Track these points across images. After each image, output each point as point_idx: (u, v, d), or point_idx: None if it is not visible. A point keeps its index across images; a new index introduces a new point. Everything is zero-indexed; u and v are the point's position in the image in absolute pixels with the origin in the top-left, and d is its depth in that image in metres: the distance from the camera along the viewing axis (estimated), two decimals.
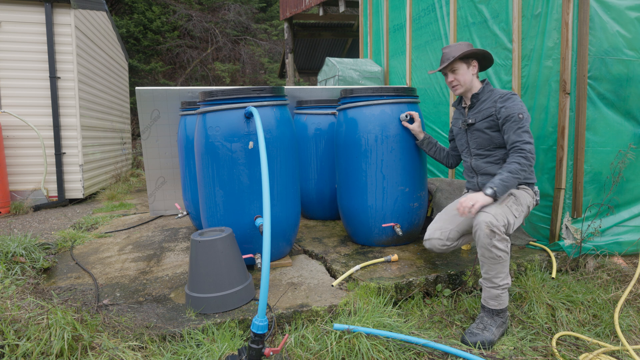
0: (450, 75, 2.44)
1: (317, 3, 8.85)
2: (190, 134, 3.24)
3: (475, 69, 2.42)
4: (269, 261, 1.77)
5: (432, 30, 3.98)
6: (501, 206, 2.10)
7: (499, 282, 2.04)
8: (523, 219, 2.25)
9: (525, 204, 2.25)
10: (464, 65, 2.40)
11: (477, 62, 2.43)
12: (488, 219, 1.99)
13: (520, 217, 2.18)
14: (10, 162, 5.11)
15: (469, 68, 2.41)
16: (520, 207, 2.18)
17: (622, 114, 2.73)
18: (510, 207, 2.13)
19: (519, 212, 2.16)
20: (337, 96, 3.63)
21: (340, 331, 1.85)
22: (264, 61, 16.15)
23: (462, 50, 2.35)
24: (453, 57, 2.35)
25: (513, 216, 2.10)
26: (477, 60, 2.43)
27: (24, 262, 2.66)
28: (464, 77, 2.41)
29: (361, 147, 2.79)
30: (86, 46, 5.74)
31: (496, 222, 1.98)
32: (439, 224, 2.40)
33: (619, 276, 2.56)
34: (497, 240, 1.98)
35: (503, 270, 2.03)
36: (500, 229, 1.99)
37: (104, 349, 1.72)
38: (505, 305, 2.09)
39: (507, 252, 2.03)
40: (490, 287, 2.07)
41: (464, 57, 2.38)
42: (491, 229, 1.98)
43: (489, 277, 2.06)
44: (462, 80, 2.41)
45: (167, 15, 14.64)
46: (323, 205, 3.71)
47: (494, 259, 2.01)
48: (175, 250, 3.11)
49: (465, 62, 2.41)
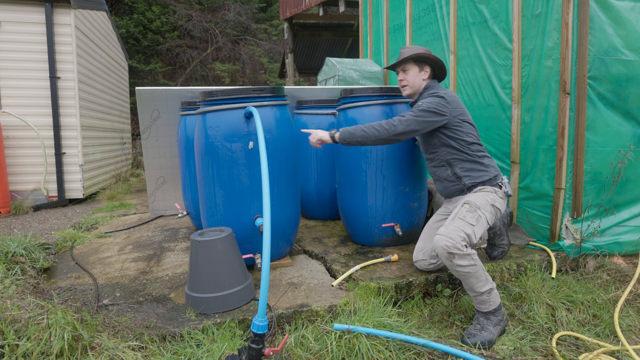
0: (401, 74, 2.49)
1: (317, 3, 8.85)
2: (190, 134, 3.24)
3: (426, 75, 2.46)
4: (269, 261, 1.77)
5: (432, 30, 3.98)
6: (454, 221, 2.11)
7: (479, 290, 2.05)
8: (488, 221, 2.21)
9: (484, 204, 2.20)
10: (416, 67, 2.45)
11: (430, 69, 2.46)
12: (442, 243, 2.01)
13: (480, 221, 2.14)
14: (10, 162, 5.11)
15: (420, 72, 2.45)
16: (476, 213, 2.15)
17: (622, 114, 2.73)
18: (464, 217, 2.12)
19: (475, 218, 2.12)
20: (337, 96, 3.63)
21: (340, 331, 1.85)
22: (264, 61, 16.15)
23: (415, 52, 2.39)
24: (405, 56, 2.41)
25: (470, 226, 2.09)
26: (430, 67, 2.46)
27: (24, 262, 2.66)
28: (414, 79, 2.45)
29: (361, 147, 2.79)
30: (86, 46, 5.74)
31: (451, 243, 1.99)
32: (420, 244, 2.44)
33: (619, 276, 2.56)
34: (457, 260, 1.99)
35: (479, 280, 2.04)
36: (458, 246, 1.98)
37: (104, 349, 1.72)
38: (497, 304, 2.09)
39: (474, 264, 2.01)
40: (474, 295, 2.09)
41: (417, 59, 2.43)
42: (448, 251, 1.99)
43: (469, 288, 2.08)
44: (411, 82, 2.46)
45: (167, 16, 14.63)
46: (323, 205, 3.71)
47: (462, 275, 2.03)
48: (175, 250, 3.11)
49: (417, 65, 2.45)
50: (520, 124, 3.00)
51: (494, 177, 2.33)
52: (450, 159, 2.36)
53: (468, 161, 2.33)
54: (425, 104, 2.27)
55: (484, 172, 2.32)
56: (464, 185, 2.34)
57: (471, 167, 2.32)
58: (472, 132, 2.36)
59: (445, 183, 2.42)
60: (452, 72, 3.68)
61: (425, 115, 2.25)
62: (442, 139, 2.35)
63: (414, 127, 2.25)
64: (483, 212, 2.17)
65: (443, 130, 2.33)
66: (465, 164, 2.33)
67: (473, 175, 2.32)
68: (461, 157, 2.33)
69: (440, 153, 2.38)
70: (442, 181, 2.44)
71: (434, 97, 2.31)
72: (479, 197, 2.24)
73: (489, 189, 2.30)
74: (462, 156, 2.33)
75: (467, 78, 3.50)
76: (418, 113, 2.25)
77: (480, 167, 2.32)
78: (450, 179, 2.38)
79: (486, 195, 2.26)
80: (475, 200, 2.22)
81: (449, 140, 2.33)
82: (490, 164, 2.36)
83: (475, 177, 2.31)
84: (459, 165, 2.34)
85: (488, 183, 2.32)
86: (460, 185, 2.36)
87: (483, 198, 2.24)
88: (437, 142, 2.38)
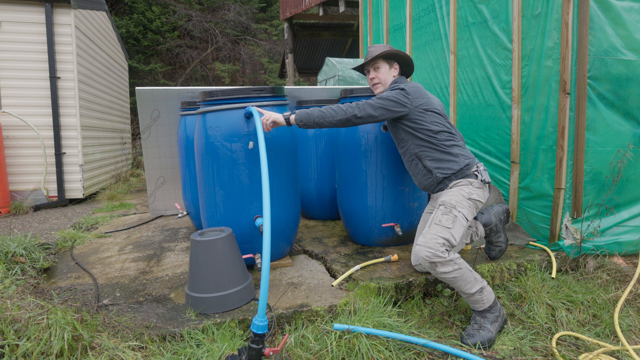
0: (372, 72, 2.53)
1: (317, 3, 8.85)
2: (190, 134, 3.24)
3: (396, 72, 2.53)
4: (269, 261, 1.77)
5: (432, 30, 3.98)
6: (430, 228, 2.11)
7: (470, 292, 2.05)
8: (467, 216, 2.17)
9: (460, 200, 2.19)
10: (386, 64, 2.50)
11: (398, 65, 2.53)
12: (422, 254, 2.01)
13: (458, 220, 2.12)
14: (10, 162, 5.11)
15: (390, 69, 2.51)
16: (451, 214, 2.13)
17: (622, 114, 2.73)
18: (439, 222, 2.11)
19: (451, 220, 2.11)
20: (337, 96, 3.63)
21: (340, 331, 1.85)
22: (264, 61, 16.15)
23: (386, 50, 2.44)
24: (376, 54, 2.44)
25: (446, 229, 2.08)
26: (398, 63, 2.53)
27: (24, 262, 2.66)
28: (385, 76, 2.50)
29: (361, 147, 2.79)
30: (86, 46, 5.74)
31: (431, 252, 1.99)
32: None
33: (618, 276, 2.56)
34: (440, 267, 1.99)
35: (467, 282, 2.04)
36: (438, 254, 1.98)
37: (104, 349, 1.72)
38: (491, 301, 2.08)
39: (458, 268, 2.01)
40: (466, 297, 2.09)
41: (386, 56, 2.48)
42: (430, 261, 2.00)
43: (459, 291, 2.08)
44: (383, 79, 2.50)
45: (167, 16, 14.63)
46: (323, 205, 3.72)
47: (449, 281, 2.03)
48: (175, 250, 3.12)
49: (387, 62, 2.51)
50: (520, 124, 3.00)
51: (466, 167, 2.30)
52: (419, 152, 2.36)
53: (436, 151, 2.32)
54: (385, 94, 2.32)
55: (453, 162, 2.30)
56: (435, 178, 2.33)
57: (440, 158, 2.31)
58: (439, 120, 2.34)
59: (419, 177, 2.42)
60: (452, 72, 3.68)
61: (382, 103, 2.27)
62: (407, 131, 2.37)
63: (370, 111, 2.26)
64: (459, 210, 2.15)
65: (406, 122, 2.35)
66: (433, 154, 2.32)
67: (442, 167, 2.31)
68: (428, 147, 2.33)
69: (409, 147, 2.41)
70: (415, 176, 2.46)
71: (395, 89, 2.36)
72: (454, 194, 2.23)
73: (464, 182, 2.28)
74: (429, 146, 2.33)
75: (467, 78, 3.50)
76: (376, 100, 2.29)
77: (449, 157, 2.30)
78: (422, 172, 2.39)
79: (460, 189, 2.25)
80: (450, 199, 2.20)
81: (413, 131, 2.34)
82: (460, 153, 2.32)
83: (445, 169, 2.30)
84: (428, 157, 2.34)
85: (461, 174, 2.29)
86: (432, 177, 2.35)
87: (458, 194, 2.22)
88: (404, 135, 2.41)
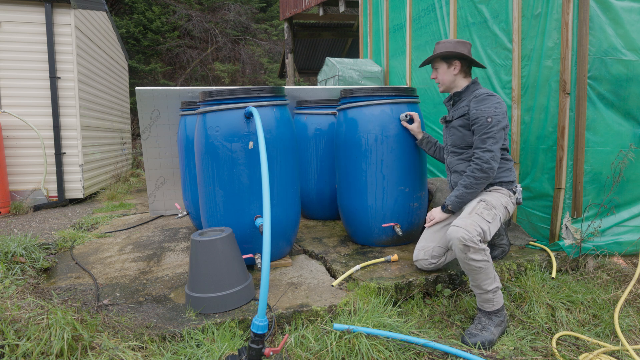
0: (434, 71, 2.51)
1: (317, 3, 8.85)
2: (190, 134, 3.24)
3: (457, 70, 2.43)
4: (269, 261, 1.77)
5: (432, 30, 3.98)
6: (471, 215, 2.10)
7: (486, 288, 2.05)
8: (501, 221, 2.23)
9: (499, 205, 2.23)
10: (444, 64, 2.45)
11: (459, 63, 2.42)
12: (459, 234, 1.99)
13: (496, 220, 2.16)
14: (10, 162, 5.11)
15: (449, 68, 2.43)
16: (492, 211, 2.16)
17: (622, 114, 2.73)
18: (481, 214, 2.12)
19: (492, 216, 2.14)
20: (337, 96, 3.63)
21: (340, 331, 1.85)
22: (264, 61, 16.14)
23: (446, 49, 2.39)
24: (434, 55, 2.42)
25: (486, 222, 2.09)
26: (459, 61, 2.42)
27: (24, 262, 2.66)
28: (443, 76, 2.46)
29: (361, 147, 2.79)
30: (86, 46, 5.74)
31: (468, 235, 1.98)
32: (422, 244, 2.43)
33: (619, 276, 2.56)
34: (472, 253, 1.99)
35: (488, 277, 2.04)
36: (474, 240, 1.98)
37: (104, 349, 1.72)
38: (500, 304, 2.09)
39: (487, 260, 2.02)
40: (479, 293, 2.09)
41: (444, 57, 2.42)
42: (464, 244, 1.98)
43: (476, 284, 2.07)
44: (442, 79, 2.47)
45: (167, 16, 14.63)
46: (323, 205, 3.71)
47: (473, 270, 2.02)
48: (175, 250, 3.11)
49: (446, 62, 2.44)
50: (520, 124, 3.00)
51: (512, 182, 2.36)
52: None
53: None
54: (492, 115, 2.23)
55: (505, 174, 2.34)
56: None
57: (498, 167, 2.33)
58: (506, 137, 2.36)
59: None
60: None
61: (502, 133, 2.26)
62: None
63: (488, 158, 2.22)
64: (497, 213, 2.19)
65: None
66: None
67: (497, 176, 2.33)
68: None
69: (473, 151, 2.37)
70: (459, 173, 2.43)
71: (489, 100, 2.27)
72: (494, 197, 2.25)
73: (504, 191, 2.32)
74: None
75: None
76: (494, 130, 2.22)
77: (504, 168, 2.34)
78: None
79: (501, 197, 2.28)
80: (491, 199, 2.23)
81: None
82: (511, 168, 2.39)
83: (497, 177, 2.33)
84: None
85: (505, 185, 2.34)
86: None
87: (498, 199, 2.25)
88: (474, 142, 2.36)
